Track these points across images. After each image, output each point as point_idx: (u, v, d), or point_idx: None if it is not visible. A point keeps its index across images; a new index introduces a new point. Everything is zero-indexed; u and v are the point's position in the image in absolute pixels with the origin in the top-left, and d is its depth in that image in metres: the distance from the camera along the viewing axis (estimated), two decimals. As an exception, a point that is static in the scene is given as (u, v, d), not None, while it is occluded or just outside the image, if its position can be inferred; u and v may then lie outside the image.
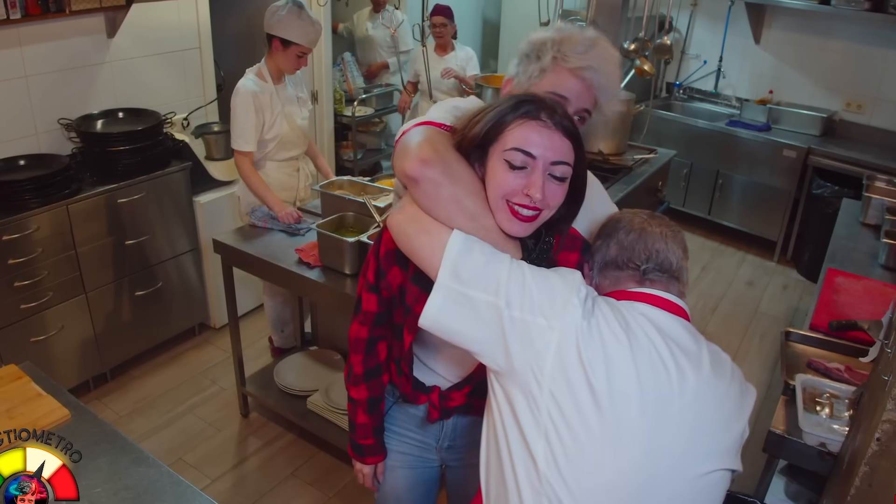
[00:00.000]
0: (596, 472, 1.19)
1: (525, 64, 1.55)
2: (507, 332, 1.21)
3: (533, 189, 1.28)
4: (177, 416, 3.46)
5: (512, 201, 1.30)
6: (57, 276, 3.23)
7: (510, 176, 1.29)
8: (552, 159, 1.29)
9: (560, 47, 1.51)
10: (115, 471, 1.67)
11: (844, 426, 1.90)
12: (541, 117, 1.30)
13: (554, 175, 1.30)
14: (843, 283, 2.80)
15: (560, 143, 1.30)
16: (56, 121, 3.49)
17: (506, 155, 1.29)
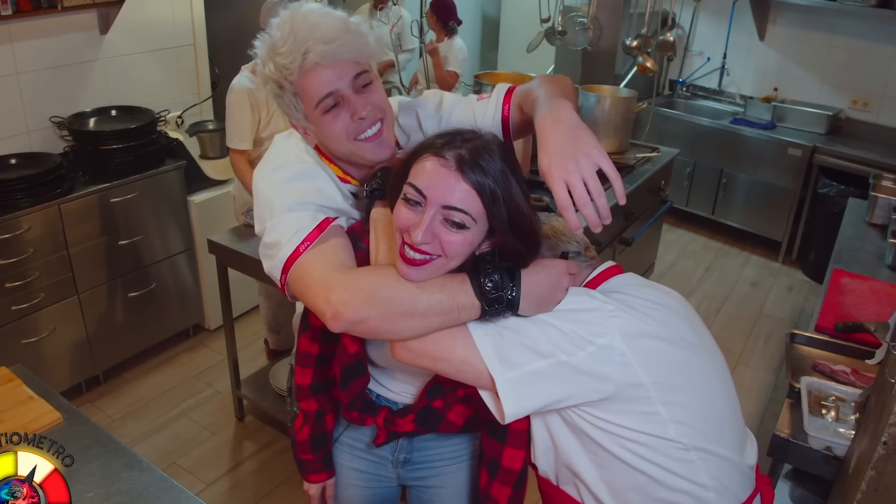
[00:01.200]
0: (720, 407, 1.39)
1: (281, 99, 1.40)
2: (585, 373, 1.23)
3: (413, 230, 1.19)
4: (171, 419, 3.46)
5: (404, 239, 1.22)
6: (49, 277, 3.23)
7: (403, 210, 1.22)
8: (443, 203, 1.18)
9: (276, 60, 1.34)
10: (107, 475, 1.67)
11: (850, 430, 1.90)
12: (443, 155, 1.20)
13: (451, 220, 1.19)
14: (849, 284, 2.80)
15: (458, 187, 1.18)
16: (48, 119, 3.49)
17: (404, 188, 1.23)
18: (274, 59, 1.34)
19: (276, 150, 1.49)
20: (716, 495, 1.33)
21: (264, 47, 1.36)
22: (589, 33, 5.09)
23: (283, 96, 1.37)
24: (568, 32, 5.10)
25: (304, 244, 1.31)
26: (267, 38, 1.36)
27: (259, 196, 1.41)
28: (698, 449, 1.31)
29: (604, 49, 5.33)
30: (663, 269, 5.04)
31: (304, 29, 1.32)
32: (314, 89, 1.34)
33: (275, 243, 1.34)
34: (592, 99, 4.06)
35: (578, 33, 5.11)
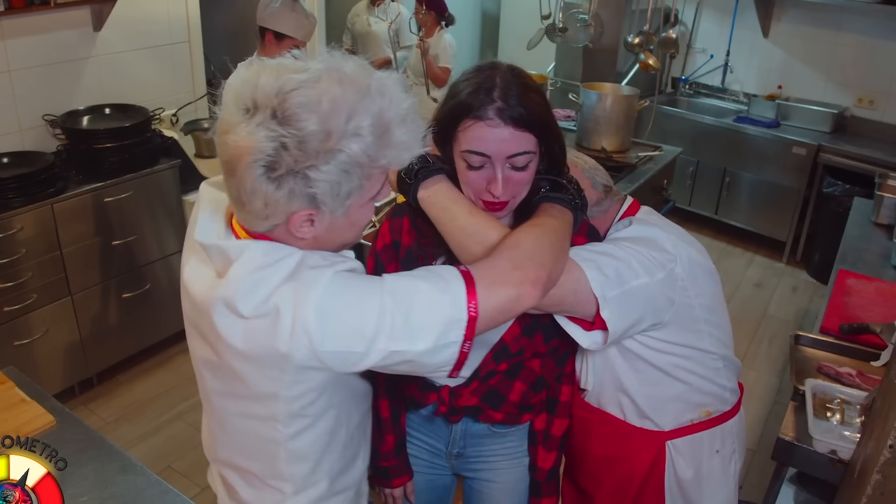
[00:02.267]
0: (729, 320, 1.69)
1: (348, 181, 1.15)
2: (659, 296, 1.46)
3: (493, 187, 1.34)
4: (165, 422, 3.46)
5: (479, 195, 1.38)
6: (41, 278, 3.22)
7: (472, 175, 1.36)
8: (507, 155, 1.33)
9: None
10: (101, 479, 1.67)
11: (856, 433, 1.90)
12: (486, 116, 1.31)
13: (515, 166, 1.34)
14: (854, 284, 2.80)
15: (512, 135, 1.31)
16: (40, 117, 3.49)
17: (463, 156, 1.36)
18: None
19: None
20: (731, 395, 1.71)
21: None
22: (590, 30, 5.10)
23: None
24: (569, 29, 5.11)
25: (471, 305, 1.19)
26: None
27: (337, 319, 1.14)
28: (724, 357, 1.63)
29: (605, 46, 5.34)
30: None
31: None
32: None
33: (428, 333, 1.17)
34: (594, 97, 4.06)
35: (579, 30, 5.11)
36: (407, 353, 1.16)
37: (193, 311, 1.27)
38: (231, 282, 1.15)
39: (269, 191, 1.10)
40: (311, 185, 1.10)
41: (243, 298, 1.13)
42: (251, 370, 1.19)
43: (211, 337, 1.21)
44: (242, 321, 1.14)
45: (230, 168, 1.12)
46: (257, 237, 1.20)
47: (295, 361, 1.14)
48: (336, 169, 1.10)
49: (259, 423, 1.27)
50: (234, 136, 1.09)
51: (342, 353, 1.14)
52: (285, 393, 1.20)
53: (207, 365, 1.30)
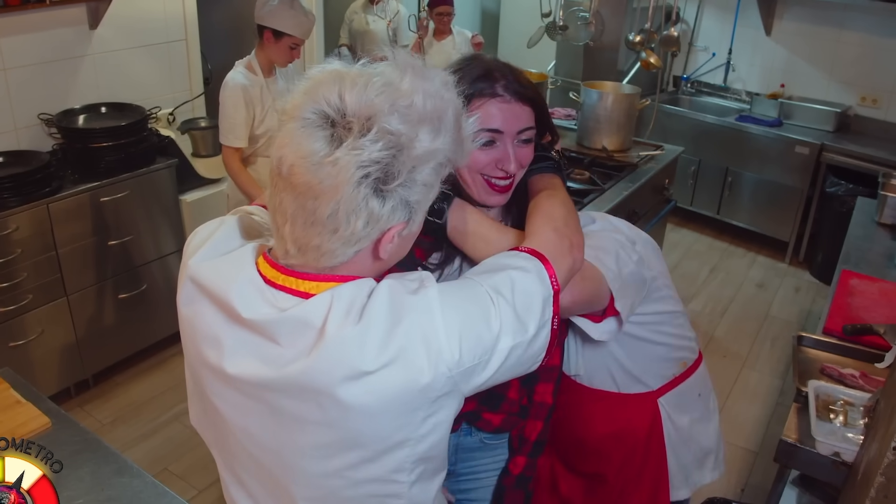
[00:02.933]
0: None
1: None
2: (641, 272, 1.54)
3: (506, 163, 1.37)
4: (162, 424, 3.46)
5: (486, 174, 1.38)
6: (37, 278, 3.22)
7: (481, 153, 1.36)
8: (517, 129, 1.37)
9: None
10: (97, 481, 1.67)
11: (859, 435, 1.90)
12: (499, 93, 1.36)
13: (521, 140, 1.39)
14: (857, 285, 2.80)
15: (521, 111, 1.38)
16: (36, 116, 3.49)
17: (474, 136, 1.30)
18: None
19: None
20: (695, 343, 1.85)
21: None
22: (591, 28, 5.11)
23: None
24: (569, 27, 5.11)
25: (553, 279, 1.18)
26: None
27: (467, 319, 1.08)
28: (682, 312, 1.76)
29: (606, 44, 5.34)
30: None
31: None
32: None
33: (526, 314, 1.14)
34: (594, 95, 4.06)
35: (580, 28, 5.12)
36: (520, 345, 1.11)
37: (249, 385, 1.12)
38: (335, 348, 1.02)
39: (376, 207, 1.01)
40: (415, 191, 1.04)
41: (360, 356, 1.01)
42: (380, 425, 1.06)
43: (317, 413, 1.06)
44: (369, 378, 1.02)
45: (316, 193, 1.00)
46: (311, 277, 1.07)
47: (433, 394, 1.05)
48: (433, 170, 1.05)
49: (373, 485, 1.13)
50: (333, 154, 0.98)
51: (472, 366, 1.07)
52: (415, 434, 1.08)
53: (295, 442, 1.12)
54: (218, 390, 1.17)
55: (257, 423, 1.13)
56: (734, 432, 3.51)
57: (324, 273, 1.07)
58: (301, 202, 1.01)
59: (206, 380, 1.19)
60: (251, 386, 1.10)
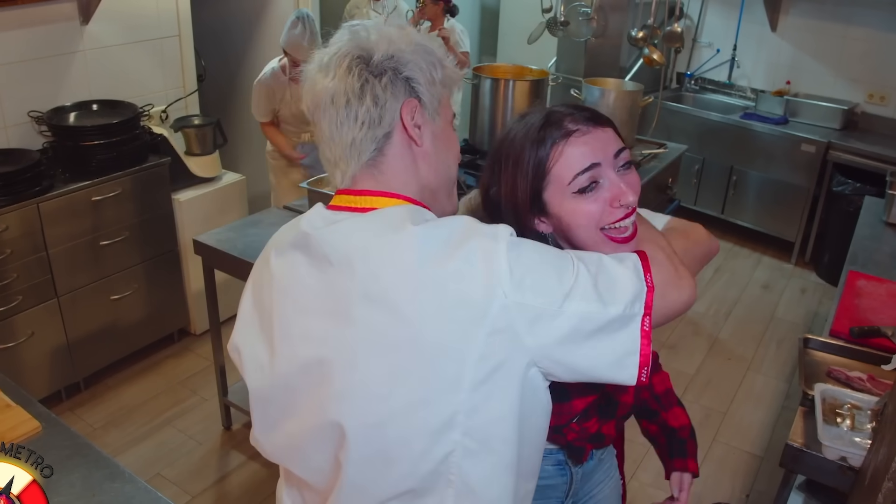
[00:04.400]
0: None
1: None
2: None
3: (623, 196, 1.22)
4: (155, 428, 3.46)
5: (606, 226, 1.24)
6: (27, 279, 3.22)
7: (588, 204, 1.24)
8: (612, 152, 1.25)
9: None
10: (88, 487, 1.67)
11: (867, 439, 1.90)
12: (570, 131, 1.24)
13: (622, 166, 1.26)
14: (865, 286, 2.80)
15: (604, 134, 1.26)
16: (26, 113, 3.48)
17: (572, 188, 1.23)
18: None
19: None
20: None
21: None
22: (593, 24, 5.11)
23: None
24: (571, 23, 5.11)
25: (648, 276, 1.16)
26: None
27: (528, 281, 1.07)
28: None
29: (608, 40, 5.34)
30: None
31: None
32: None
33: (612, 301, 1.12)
34: (596, 93, 4.06)
35: (582, 24, 5.12)
36: (599, 319, 1.09)
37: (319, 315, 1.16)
38: (410, 242, 1.09)
39: (374, 84, 1.15)
40: (405, 68, 1.17)
41: (419, 252, 1.08)
42: (433, 331, 1.06)
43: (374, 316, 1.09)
44: (428, 280, 1.06)
45: (334, 94, 1.17)
46: (367, 192, 1.20)
47: (488, 319, 1.04)
48: (424, 61, 1.18)
49: (431, 435, 1.10)
50: (324, 56, 1.20)
51: (536, 308, 1.06)
52: (471, 376, 1.06)
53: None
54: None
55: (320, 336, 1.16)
56: (739, 436, 3.51)
57: (380, 190, 1.19)
58: (328, 115, 1.18)
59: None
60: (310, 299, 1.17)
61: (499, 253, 1.06)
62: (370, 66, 1.16)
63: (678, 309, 1.22)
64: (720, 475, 3.28)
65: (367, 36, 1.20)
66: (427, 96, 1.19)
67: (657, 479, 3.20)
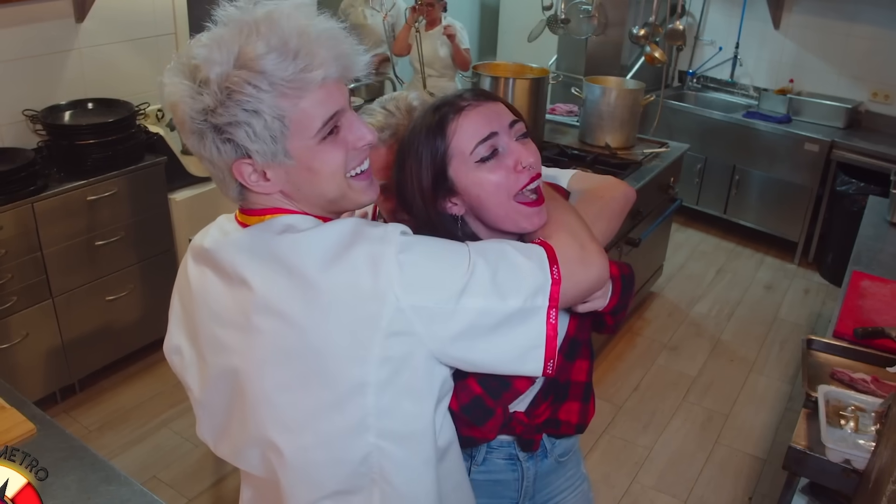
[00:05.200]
0: None
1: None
2: None
3: (522, 158, 1.29)
4: (151, 430, 3.46)
5: (517, 192, 1.29)
6: (21, 280, 3.22)
7: (491, 174, 1.29)
8: (507, 122, 1.31)
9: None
10: (84, 489, 1.67)
11: (871, 441, 1.90)
12: (462, 106, 1.30)
13: (520, 136, 1.32)
14: (869, 287, 2.80)
15: (496, 107, 1.32)
16: (20, 112, 3.48)
17: (474, 157, 1.29)
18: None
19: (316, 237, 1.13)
20: None
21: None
22: (594, 21, 5.11)
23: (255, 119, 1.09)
24: (571, 20, 5.12)
25: (554, 268, 1.18)
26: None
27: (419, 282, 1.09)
28: None
29: (609, 38, 5.35)
30: (672, 271, 5.05)
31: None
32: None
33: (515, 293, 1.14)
34: (597, 91, 4.07)
35: (583, 21, 5.12)
36: (497, 313, 1.10)
37: (216, 316, 1.21)
38: (293, 248, 1.10)
39: (195, 146, 1.11)
40: (223, 132, 1.07)
41: (304, 258, 1.08)
42: (331, 337, 1.08)
43: (273, 334, 1.11)
44: (317, 287, 1.07)
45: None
46: (256, 212, 1.18)
47: (383, 322, 1.05)
48: (239, 109, 1.06)
49: (345, 438, 1.13)
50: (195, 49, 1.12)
51: (430, 308, 1.07)
52: (374, 377, 1.08)
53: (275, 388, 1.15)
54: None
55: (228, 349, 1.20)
56: (741, 439, 3.51)
57: (266, 207, 1.16)
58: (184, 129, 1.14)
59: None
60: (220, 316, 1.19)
61: (387, 256, 1.06)
62: (200, 109, 1.07)
63: (589, 286, 1.24)
64: (722, 478, 3.28)
65: (209, 44, 1.10)
66: (260, 146, 1.08)
67: (658, 481, 3.20)
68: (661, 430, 3.54)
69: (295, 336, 1.09)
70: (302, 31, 1.07)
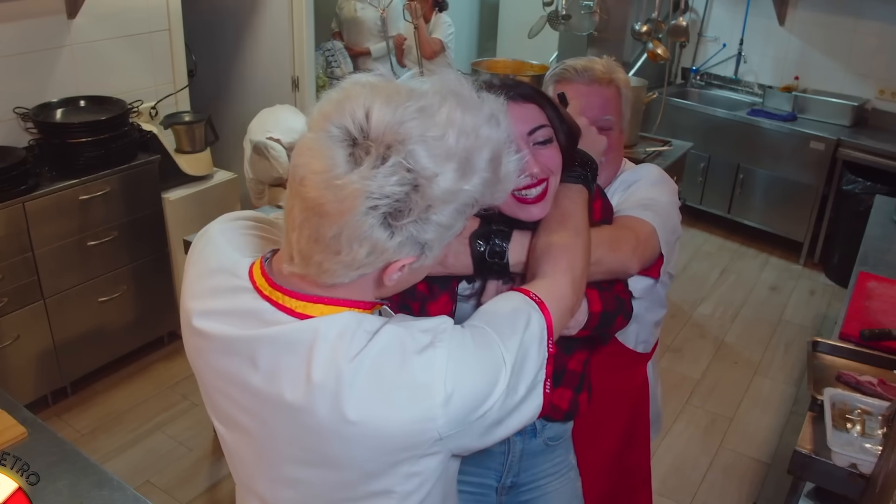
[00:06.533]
0: None
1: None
2: (678, 236, 1.86)
3: (528, 167, 1.33)
4: (144, 434, 3.46)
5: (515, 191, 1.34)
6: (12, 281, 3.22)
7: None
8: (526, 130, 1.35)
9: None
10: (76, 494, 1.67)
11: (877, 445, 1.90)
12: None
13: (538, 142, 1.36)
14: (875, 288, 2.80)
15: (523, 111, 1.35)
16: (11, 110, 3.48)
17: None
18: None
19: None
20: None
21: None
22: (595, 17, 5.11)
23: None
24: (573, 16, 5.11)
25: (550, 341, 1.18)
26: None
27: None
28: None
29: (611, 34, 5.34)
30: (675, 271, 5.04)
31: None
32: None
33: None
34: (599, 88, 4.06)
35: (584, 17, 5.12)
36: (511, 405, 1.10)
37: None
38: (319, 385, 1.02)
39: (382, 239, 0.98)
40: (428, 230, 1.00)
41: (345, 400, 1.01)
42: (361, 457, 1.07)
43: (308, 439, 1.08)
44: (350, 423, 1.03)
45: (324, 211, 0.97)
46: (302, 297, 1.07)
47: (419, 451, 1.05)
48: (454, 210, 1.01)
49: None
50: (344, 178, 0.95)
51: (465, 426, 1.06)
52: (400, 488, 1.09)
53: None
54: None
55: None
56: (746, 442, 3.51)
57: (317, 295, 1.07)
58: (308, 215, 1.00)
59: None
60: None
61: (436, 389, 1.02)
62: (399, 210, 0.97)
63: (559, 330, 1.26)
64: (726, 482, 3.28)
65: (439, 120, 0.98)
66: (434, 251, 1.05)
67: (661, 486, 3.20)
68: (664, 434, 3.54)
69: (325, 454, 1.08)
70: (509, 148, 1.14)
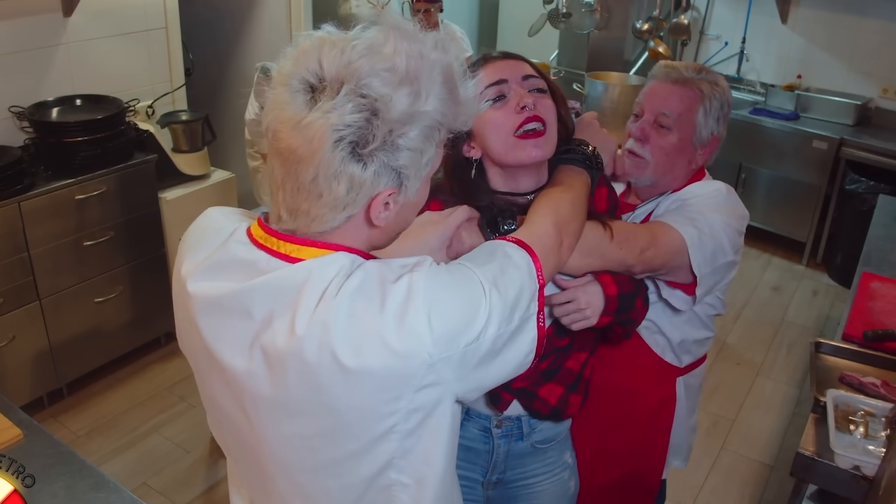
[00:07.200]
0: None
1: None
2: (736, 261, 1.86)
3: (521, 100, 1.44)
4: (140, 435, 3.46)
5: (516, 129, 1.45)
6: (7, 281, 3.22)
7: (497, 113, 1.46)
8: (521, 75, 1.49)
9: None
10: (72, 496, 1.67)
11: (881, 447, 1.90)
12: (489, 58, 1.52)
13: (534, 89, 1.49)
14: (879, 288, 2.81)
15: (516, 62, 1.51)
16: (7, 109, 3.48)
17: (483, 98, 1.44)
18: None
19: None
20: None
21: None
22: (596, 15, 5.12)
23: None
24: (573, 15, 5.12)
25: (539, 273, 1.22)
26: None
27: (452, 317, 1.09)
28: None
29: (612, 33, 5.35)
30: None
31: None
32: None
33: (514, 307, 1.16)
34: (600, 87, 4.07)
35: (585, 16, 5.13)
36: (505, 335, 1.13)
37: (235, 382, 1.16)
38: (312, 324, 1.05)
39: (356, 172, 1.04)
40: (399, 156, 1.06)
41: (334, 337, 1.04)
42: (360, 400, 1.08)
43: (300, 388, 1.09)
44: (343, 362, 1.05)
45: (298, 157, 1.04)
46: (296, 240, 1.10)
47: (415, 381, 1.07)
48: (419, 134, 1.06)
49: (367, 479, 1.16)
50: (307, 118, 1.02)
51: (458, 353, 1.08)
52: (403, 426, 1.10)
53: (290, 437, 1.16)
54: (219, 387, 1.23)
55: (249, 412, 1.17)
56: (748, 444, 3.51)
57: (312, 238, 1.11)
58: (287, 167, 1.07)
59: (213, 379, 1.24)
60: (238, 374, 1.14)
61: (416, 309, 1.05)
62: (363, 137, 1.03)
63: (556, 271, 1.38)
64: (728, 485, 3.28)
65: (386, 52, 1.05)
66: (412, 181, 1.10)
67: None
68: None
69: (320, 397, 1.09)
70: (464, 73, 1.19)
